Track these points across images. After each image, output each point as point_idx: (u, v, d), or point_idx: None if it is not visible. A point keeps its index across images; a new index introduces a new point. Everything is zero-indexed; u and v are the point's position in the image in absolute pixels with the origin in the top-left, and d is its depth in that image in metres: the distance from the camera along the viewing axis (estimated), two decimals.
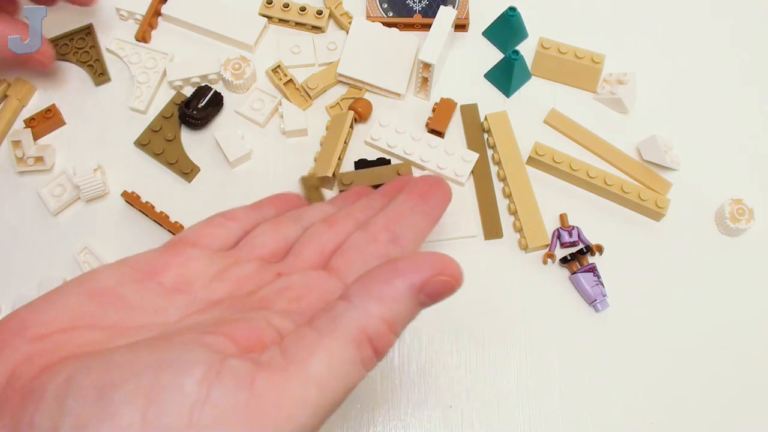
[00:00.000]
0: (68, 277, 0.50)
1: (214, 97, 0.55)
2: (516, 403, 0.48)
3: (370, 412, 0.48)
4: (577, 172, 0.53)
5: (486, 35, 0.59)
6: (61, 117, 0.55)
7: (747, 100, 0.58)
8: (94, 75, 0.57)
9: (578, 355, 0.50)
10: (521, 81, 0.57)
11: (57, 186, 0.53)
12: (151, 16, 0.58)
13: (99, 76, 0.57)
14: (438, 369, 0.49)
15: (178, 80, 0.56)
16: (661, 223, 0.53)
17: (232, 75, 0.55)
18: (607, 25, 0.60)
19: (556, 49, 0.56)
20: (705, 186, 0.54)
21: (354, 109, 0.54)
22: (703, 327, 0.51)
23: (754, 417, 0.49)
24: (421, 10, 0.58)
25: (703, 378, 0.50)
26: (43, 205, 0.53)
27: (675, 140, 0.55)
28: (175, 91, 0.56)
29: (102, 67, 0.57)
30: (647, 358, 0.50)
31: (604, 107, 0.57)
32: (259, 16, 0.59)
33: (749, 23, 0.60)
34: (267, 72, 0.57)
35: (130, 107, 0.55)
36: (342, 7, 0.59)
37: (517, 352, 0.50)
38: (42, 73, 0.56)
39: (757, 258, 0.53)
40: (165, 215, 0.52)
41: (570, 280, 0.52)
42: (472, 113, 0.56)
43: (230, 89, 0.56)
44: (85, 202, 0.53)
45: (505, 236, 0.53)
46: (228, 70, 0.55)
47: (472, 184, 0.54)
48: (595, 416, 0.48)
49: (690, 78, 0.58)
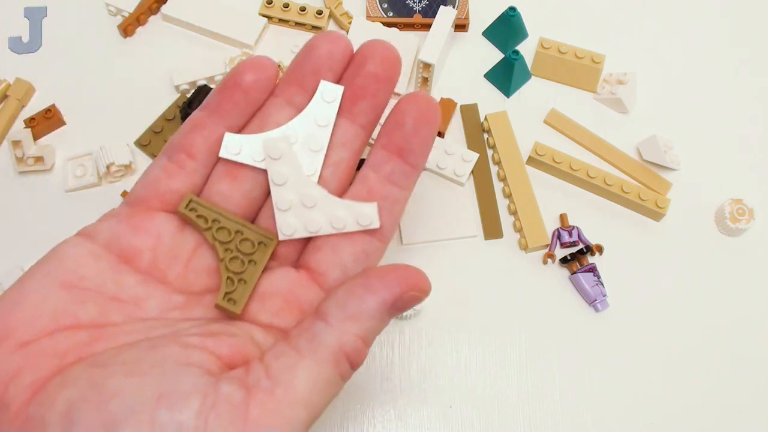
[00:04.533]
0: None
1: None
2: (516, 403, 0.48)
3: (370, 411, 0.48)
4: (577, 172, 0.53)
5: (486, 35, 0.59)
6: (61, 117, 0.55)
7: (747, 99, 0.58)
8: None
9: (578, 355, 0.50)
10: (521, 81, 0.57)
11: (79, 166, 0.53)
12: (141, 13, 0.58)
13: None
14: (438, 369, 0.49)
15: (184, 84, 0.56)
16: (661, 223, 0.53)
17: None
18: (607, 25, 0.60)
19: (556, 49, 0.56)
20: (705, 186, 0.55)
21: None
22: (703, 327, 0.51)
23: (754, 417, 0.49)
24: (421, 10, 0.58)
25: (703, 378, 0.50)
26: (42, 209, 0.53)
27: (675, 140, 0.55)
28: (180, 94, 0.56)
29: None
30: (647, 358, 0.50)
31: (604, 107, 0.57)
32: (259, 16, 0.59)
33: (749, 23, 0.60)
34: None
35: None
36: (342, 7, 0.59)
37: (517, 352, 0.50)
38: (43, 74, 0.56)
39: (757, 258, 0.53)
40: None
41: (570, 280, 0.52)
42: (472, 113, 0.56)
43: None
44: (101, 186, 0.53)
45: (505, 236, 0.53)
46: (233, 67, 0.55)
47: (472, 184, 0.54)
48: (595, 416, 0.48)
49: (690, 78, 0.58)
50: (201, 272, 0.33)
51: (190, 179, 0.34)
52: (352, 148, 0.35)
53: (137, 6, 0.58)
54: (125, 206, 0.34)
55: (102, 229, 0.32)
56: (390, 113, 0.35)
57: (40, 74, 0.57)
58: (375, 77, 0.35)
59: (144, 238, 0.32)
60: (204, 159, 0.34)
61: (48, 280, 0.30)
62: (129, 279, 0.31)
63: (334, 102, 0.35)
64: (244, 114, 0.35)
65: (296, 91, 0.35)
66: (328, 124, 0.35)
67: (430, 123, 0.34)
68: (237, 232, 0.33)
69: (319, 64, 0.35)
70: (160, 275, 0.32)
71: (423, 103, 0.34)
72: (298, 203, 0.34)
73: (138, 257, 0.32)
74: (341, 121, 0.35)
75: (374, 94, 0.35)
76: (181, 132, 0.34)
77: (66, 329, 0.28)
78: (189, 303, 0.32)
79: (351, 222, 0.34)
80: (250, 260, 0.33)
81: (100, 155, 0.53)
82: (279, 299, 0.32)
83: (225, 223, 0.33)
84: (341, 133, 0.35)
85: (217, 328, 0.30)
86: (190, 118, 0.35)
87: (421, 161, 0.35)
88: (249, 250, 0.33)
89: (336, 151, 0.35)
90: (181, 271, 0.32)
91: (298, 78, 0.35)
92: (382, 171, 0.34)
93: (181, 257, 0.33)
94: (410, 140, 0.34)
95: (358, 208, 0.34)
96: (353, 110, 0.35)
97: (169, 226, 0.33)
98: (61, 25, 0.59)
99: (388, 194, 0.34)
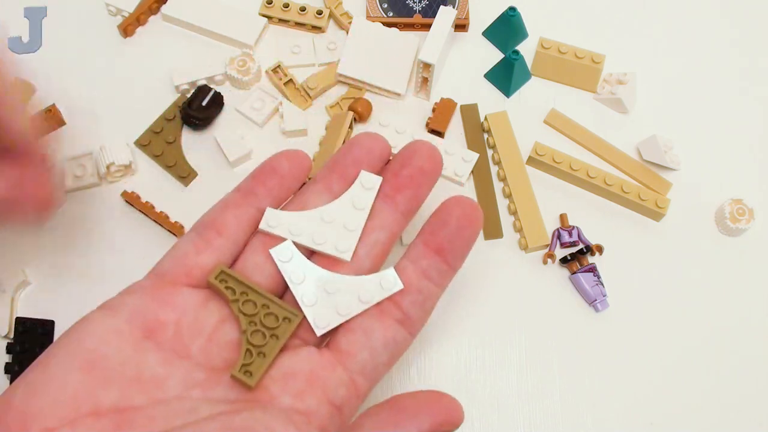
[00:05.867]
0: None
1: (215, 96, 0.55)
2: (516, 403, 0.48)
3: None
4: (577, 172, 0.53)
5: (486, 35, 0.59)
6: (61, 117, 0.55)
7: (747, 99, 0.58)
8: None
9: (578, 355, 0.50)
10: (521, 81, 0.57)
11: (79, 166, 0.53)
12: (141, 13, 0.58)
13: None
14: (438, 369, 0.49)
15: (184, 84, 0.56)
16: (661, 223, 0.53)
17: (238, 72, 0.55)
18: (607, 25, 0.60)
19: (556, 49, 0.56)
20: (705, 186, 0.55)
21: (353, 109, 0.54)
22: (703, 327, 0.51)
23: (754, 417, 0.49)
24: (421, 10, 0.58)
25: (704, 378, 0.50)
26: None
27: (675, 140, 0.55)
28: (180, 94, 0.56)
29: None
30: (647, 358, 0.50)
31: (604, 107, 0.57)
32: (259, 16, 0.59)
33: (749, 23, 0.60)
34: (267, 72, 0.57)
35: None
36: (342, 7, 0.59)
37: (517, 352, 0.50)
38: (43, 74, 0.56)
39: (757, 258, 0.53)
40: (165, 215, 0.52)
41: (570, 280, 0.52)
42: (472, 113, 0.56)
43: (238, 86, 0.56)
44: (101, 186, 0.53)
45: (505, 236, 0.53)
46: (234, 67, 0.55)
47: (472, 184, 0.54)
48: (595, 416, 0.48)
49: (690, 78, 0.58)
50: (224, 346, 0.33)
51: (216, 255, 0.34)
52: (390, 232, 0.37)
53: (137, 6, 0.58)
54: (151, 278, 0.34)
55: (126, 303, 0.32)
56: (435, 211, 0.37)
57: (40, 74, 0.57)
58: (421, 170, 0.37)
59: (168, 312, 0.32)
60: (233, 236, 0.35)
61: (69, 361, 0.29)
62: (151, 357, 0.31)
63: (372, 190, 0.37)
64: (277, 198, 0.36)
65: (336, 179, 0.37)
66: (365, 208, 0.36)
67: (473, 226, 0.36)
68: (263, 305, 0.34)
69: (359, 158, 0.37)
70: (183, 349, 0.32)
71: (468, 206, 0.36)
72: (323, 293, 0.35)
73: (162, 330, 0.32)
74: (383, 205, 0.37)
75: (418, 185, 0.37)
76: (213, 210, 0.36)
77: (87, 416, 0.28)
78: (210, 380, 0.31)
79: (376, 291, 0.35)
80: (273, 334, 0.33)
81: (100, 155, 0.53)
82: (302, 380, 0.32)
83: (252, 296, 0.34)
84: (382, 216, 0.37)
85: (239, 422, 0.29)
86: (223, 199, 0.36)
87: (459, 262, 0.36)
88: (273, 324, 0.34)
89: (374, 233, 0.36)
90: (204, 345, 0.32)
91: (338, 168, 0.37)
92: (420, 265, 0.35)
93: (205, 331, 0.33)
94: (452, 240, 0.35)
95: (379, 277, 0.35)
96: (396, 197, 0.37)
97: (194, 301, 0.33)
98: (61, 25, 0.59)
99: (423, 288, 0.35)
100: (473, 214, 0.36)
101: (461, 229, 0.35)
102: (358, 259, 0.36)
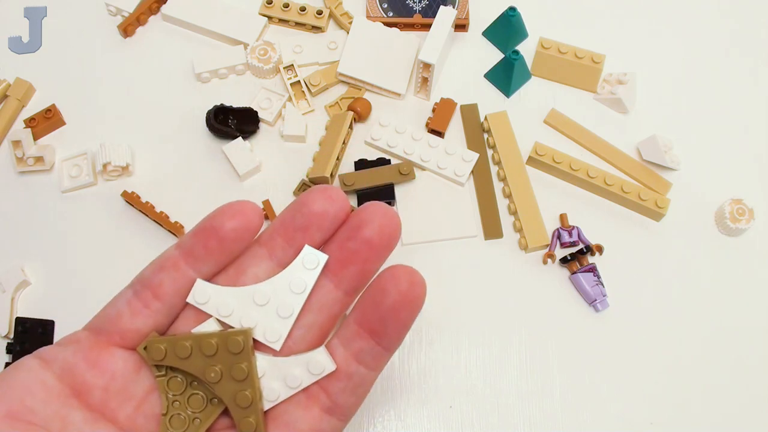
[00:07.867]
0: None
1: (249, 113, 0.55)
2: (516, 403, 0.48)
3: (370, 412, 0.48)
4: (577, 172, 0.53)
5: (486, 35, 0.59)
6: (61, 117, 0.55)
7: (747, 100, 0.58)
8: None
9: (578, 355, 0.50)
10: (521, 81, 0.57)
11: (74, 166, 0.53)
12: (141, 13, 0.58)
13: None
14: (438, 369, 0.49)
15: (205, 72, 0.56)
16: (661, 223, 0.53)
17: (259, 60, 0.56)
18: (607, 25, 0.60)
19: (556, 49, 0.56)
20: (705, 186, 0.55)
21: (353, 109, 0.54)
22: (703, 327, 0.51)
23: (754, 417, 0.49)
24: (421, 10, 0.58)
25: (703, 378, 0.50)
26: (42, 209, 0.53)
27: (675, 140, 0.55)
28: (202, 83, 0.57)
29: None
30: (647, 358, 0.50)
31: (604, 107, 0.57)
32: (259, 15, 0.59)
33: (750, 23, 0.60)
34: (282, 68, 0.57)
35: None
36: (342, 7, 0.59)
37: (517, 352, 0.50)
38: (43, 75, 0.56)
39: (757, 258, 0.53)
40: (165, 215, 0.52)
41: (570, 280, 0.52)
42: (472, 113, 0.56)
43: (258, 75, 0.57)
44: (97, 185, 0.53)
45: (505, 236, 0.53)
46: (255, 56, 0.56)
47: (472, 184, 0.54)
48: (595, 416, 0.48)
49: (690, 78, 0.58)
50: (150, 418, 0.32)
51: (153, 319, 0.32)
52: (329, 313, 0.33)
53: (137, 6, 0.58)
54: (86, 332, 0.32)
55: (59, 357, 0.31)
56: (368, 287, 0.32)
57: (40, 74, 0.57)
58: (369, 244, 0.32)
59: (98, 375, 0.31)
60: (170, 301, 0.32)
61: None
62: (77, 416, 0.30)
63: (314, 270, 0.32)
64: (218, 262, 0.33)
65: (281, 244, 0.33)
66: (304, 291, 0.33)
67: (410, 305, 0.31)
68: (191, 383, 0.32)
69: (309, 222, 0.32)
70: (110, 414, 0.31)
71: (405, 281, 0.31)
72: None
73: (90, 393, 0.31)
74: (325, 282, 0.33)
75: (364, 260, 0.32)
76: (152, 267, 0.33)
77: None
78: None
79: (304, 375, 0.32)
80: (195, 418, 0.31)
81: (99, 152, 0.53)
82: None
83: (179, 373, 0.32)
84: (321, 296, 0.33)
85: None
86: (163, 255, 0.33)
87: (395, 344, 0.32)
88: (197, 407, 0.32)
89: (311, 314, 0.33)
90: (131, 413, 0.31)
91: (285, 232, 0.33)
92: (351, 348, 0.32)
93: (134, 399, 0.32)
94: (386, 323, 0.31)
95: (308, 358, 0.32)
96: (339, 274, 0.32)
97: (126, 365, 0.32)
98: (61, 25, 0.59)
99: (354, 373, 0.32)
100: (411, 290, 0.31)
101: (396, 310, 0.31)
102: (293, 344, 0.33)
